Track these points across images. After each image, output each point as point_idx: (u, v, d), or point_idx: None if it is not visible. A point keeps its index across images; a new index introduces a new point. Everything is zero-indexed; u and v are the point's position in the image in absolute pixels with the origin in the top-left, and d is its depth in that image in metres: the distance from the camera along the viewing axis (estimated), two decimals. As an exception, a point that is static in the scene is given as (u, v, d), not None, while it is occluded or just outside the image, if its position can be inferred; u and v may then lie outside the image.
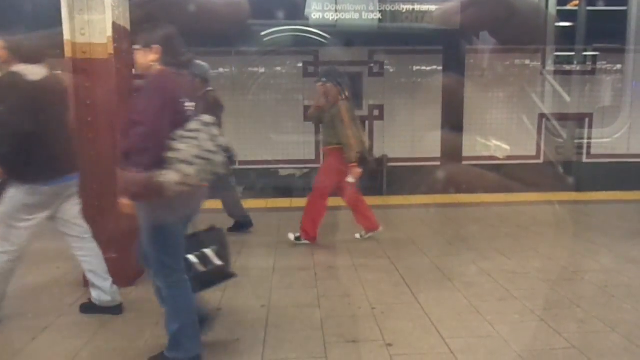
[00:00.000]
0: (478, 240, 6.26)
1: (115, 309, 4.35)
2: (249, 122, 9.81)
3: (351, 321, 4.12)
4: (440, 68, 10.02)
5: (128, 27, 4.90)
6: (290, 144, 10.04)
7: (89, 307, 4.38)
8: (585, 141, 10.12)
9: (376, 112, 10.10)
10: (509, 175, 9.78)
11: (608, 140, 10.11)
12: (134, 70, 4.81)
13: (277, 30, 9.72)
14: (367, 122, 10.08)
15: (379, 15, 8.92)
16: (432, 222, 7.50)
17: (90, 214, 4.69)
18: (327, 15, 8.88)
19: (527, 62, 10.02)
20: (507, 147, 10.00)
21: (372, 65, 10.06)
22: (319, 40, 9.53)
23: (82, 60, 4.68)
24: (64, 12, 4.60)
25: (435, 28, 9.31)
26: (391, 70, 10.04)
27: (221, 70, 9.74)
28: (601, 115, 10.13)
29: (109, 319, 4.26)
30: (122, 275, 4.83)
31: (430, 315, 4.17)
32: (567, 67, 9.98)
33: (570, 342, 3.68)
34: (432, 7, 8.88)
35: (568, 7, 9.99)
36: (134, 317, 4.29)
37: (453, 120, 10.04)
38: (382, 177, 10.11)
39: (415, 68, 10.03)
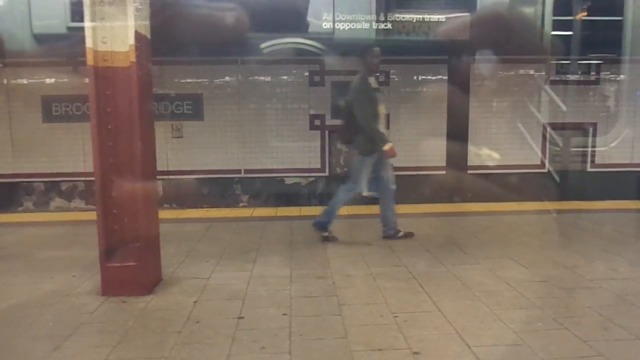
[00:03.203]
0: (491, 248, 6.28)
1: None
2: (254, 131, 9.80)
3: (375, 329, 4.12)
4: (446, 78, 10.02)
5: (148, 35, 4.89)
6: (296, 152, 10.05)
7: None
8: (590, 150, 10.14)
9: (381, 121, 10.06)
10: (514, 185, 9.82)
11: (604, 149, 10.13)
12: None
13: (279, 42, 9.72)
14: (372, 132, 10.05)
15: (389, 26, 8.91)
16: (442, 230, 7.51)
17: (109, 222, 4.69)
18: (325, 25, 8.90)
19: (532, 72, 10.04)
20: (511, 156, 10.00)
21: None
22: (321, 50, 9.53)
23: (103, 68, 4.67)
24: (86, 20, 4.59)
25: (441, 39, 9.32)
26: (396, 80, 10.02)
27: (227, 79, 9.72)
28: (604, 125, 10.16)
29: (131, 326, 4.20)
30: (141, 283, 4.83)
31: (453, 324, 4.17)
32: (571, 77, 10.00)
33: (596, 350, 3.69)
34: (442, 18, 8.87)
35: (571, 18, 10.01)
36: (157, 325, 4.26)
37: (458, 130, 10.06)
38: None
39: (420, 77, 10.03)
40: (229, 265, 5.75)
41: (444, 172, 10.20)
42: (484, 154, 10.01)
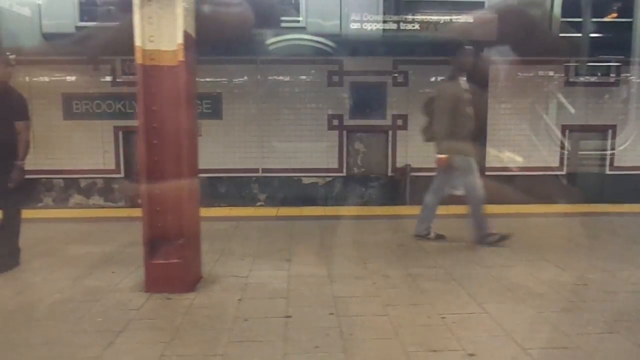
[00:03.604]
0: (525, 250, 6.30)
1: None
2: (273, 130, 9.81)
3: (425, 330, 4.15)
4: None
5: (194, 35, 4.90)
6: (314, 152, 10.06)
7: None
8: (609, 153, 10.17)
9: (399, 122, 10.14)
10: (533, 186, 9.85)
11: (623, 152, 10.16)
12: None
13: (298, 39, 9.73)
14: (390, 132, 10.10)
15: (416, 26, 8.92)
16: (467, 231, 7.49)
17: (152, 220, 4.71)
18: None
19: (551, 73, 10.06)
20: (529, 158, 10.02)
21: (396, 75, 10.08)
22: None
23: (151, 66, 4.69)
24: (135, 18, 4.61)
25: (463, 39, 9.32)
26: (415, 80, 10.04)
27: (246, 78, 9.73)
28: (622, 127, 10.19)
29: (181, 323, 4.25)
30: (184, 280, 4.86)
31: (502, 326, 4.20)
32: (591, 79, 10.03)
33: (652, 354, 3.70)
34: (469, 19, 8.88)
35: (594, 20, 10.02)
36: (206, 323, 4.32)
37: (476, 131, 10.06)
38: (405, 187, 10.12)
39: (439, 78, 10.04)
40: (265, 264, 5.76)
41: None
42: (504, 156, 10.01)
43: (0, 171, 5.34)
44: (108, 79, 9.91)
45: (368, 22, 9.14)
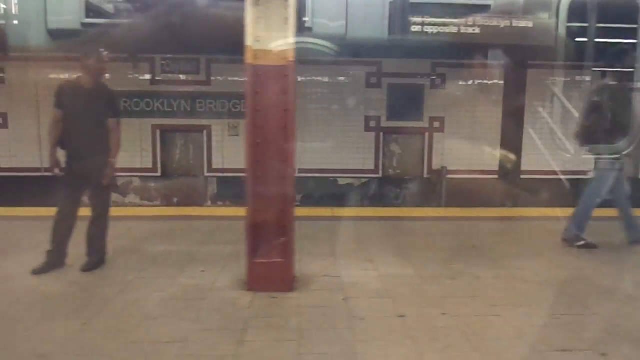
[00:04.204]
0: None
1: None
2: (310, 130, 9.83)
3: (546, 330, 4.19)
4: (502, 82, 10.14)
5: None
6: (350, 153, 10.10)
7: None
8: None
9: (436, 124, 10.22)
10: (568, 189, 9.94)
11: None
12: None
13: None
14: (426, 134, 10.18)
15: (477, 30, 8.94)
16: (509, 234, 7.50)
17: (256, 219, 4.74)
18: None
19: (587, 78, 10.17)
20: (565, 161, 10.12)
21: (434, 77, 10.16)
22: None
23: (258, 66, 4.72)
24: (247, 19, 4.63)
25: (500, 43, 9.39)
26: (453, 83, 10.12)
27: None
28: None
29: (300, 322, 4.32)
30: (285, 279, 4.89)
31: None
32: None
33: None
34: (529, 24, 8.93)
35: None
36: (325, 322, 4.39)
37: (512, 135, 10.19)
38: (441, 189, 10.20)
39: (476, 82, 10.14)
40: (348, 264, 5.78)
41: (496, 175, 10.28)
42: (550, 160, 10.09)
43: (93, 169, 5.28)
44: (147, 77, 9.86)
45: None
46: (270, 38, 4.72)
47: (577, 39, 9.20)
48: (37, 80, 9.34)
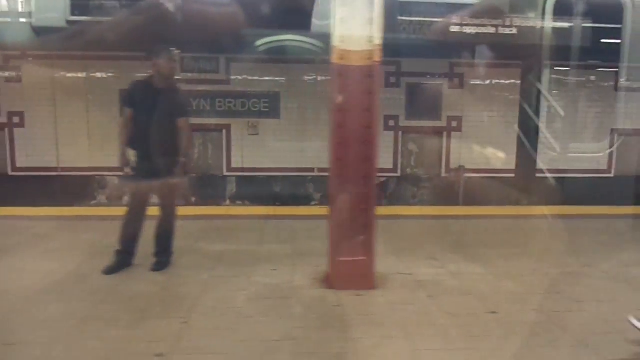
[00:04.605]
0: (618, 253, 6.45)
1: None
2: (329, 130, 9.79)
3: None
4: (519, 82, 10.25)
5: (381, 39, 4.93)
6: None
7: None
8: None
9: (454, 124, 10.28)
10: (583, 189, 10.11)
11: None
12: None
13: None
14: (444, 133, 10.25)
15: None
16: (534, 233, 7.59)
17: (339, 218, 4.80)
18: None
19: (602, 77, 10.32)
20: (579, 160, 10.27)
21: (452, 77, 10.23)
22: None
23: (342, 66, 4.74)
24: (333, 19, 4.63)
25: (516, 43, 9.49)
26: (471, 83, 10.20)
27: (305, 78, 9.74)
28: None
29: (399, 319, 4.35)
30: (367, 278, 4.90)
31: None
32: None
33: None
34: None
35: None
36: (430, 319, 4.42)
37: (529, 134, 10.30)
38: (459, 188, 10.27)
39: (494, 81, 10.24)
40: (414, 262, 5.81)
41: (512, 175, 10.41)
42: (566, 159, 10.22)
43: (164, 168, 5.23)
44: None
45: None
46: (355, 38, 4.71)
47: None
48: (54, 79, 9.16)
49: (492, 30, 8.99)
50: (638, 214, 8.40)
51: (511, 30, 9.03)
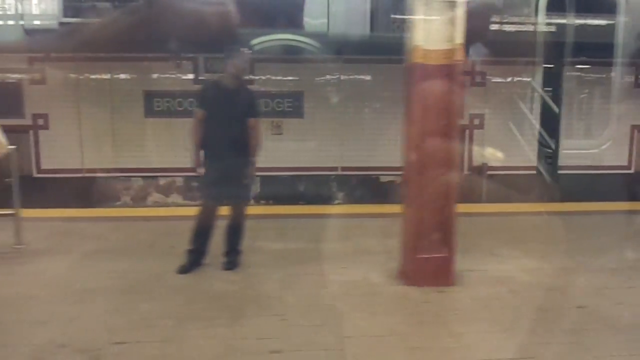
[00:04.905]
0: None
1: None
2: (353, 129, 9.83)
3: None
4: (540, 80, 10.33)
5: (462, 39, 4.94)
6: (393, 151, 10.10)
7: None
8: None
9: (477, 121, 10.32)
10: (605, 185, 10.21)
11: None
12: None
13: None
14: (467, 131, 10.29)
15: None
16: (562, 230, 7.50)
17: (419, 215, 4.89)
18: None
19: (621, 74, 10.42)
20: (600, 157, 10.36)
21: (474, 75, 10.27)
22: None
23: (424, 65, 4.75)
24: (416, 19, 4.67)
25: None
26: (493, 81, 10.25)
27: (329, 77, 9.73)
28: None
29: (493, 314, 4.41)
30: (447, 274, 4.91)
31: None
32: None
33: None
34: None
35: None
36: (513, 313, 4.47)
37: (550, 131, 10.38)
38: (482, 186, 10.32)
39: (516, 79, 10.30)
40: (477, 259, 5.76)
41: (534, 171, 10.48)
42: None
43: (235, 168, 5.21)
44: (190, 76, 9.69)
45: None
46: (436, 38, 4.71)
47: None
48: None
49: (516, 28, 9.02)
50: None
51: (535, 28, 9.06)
